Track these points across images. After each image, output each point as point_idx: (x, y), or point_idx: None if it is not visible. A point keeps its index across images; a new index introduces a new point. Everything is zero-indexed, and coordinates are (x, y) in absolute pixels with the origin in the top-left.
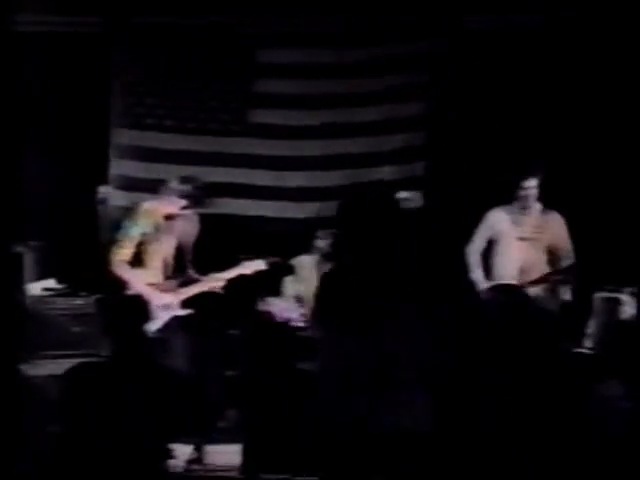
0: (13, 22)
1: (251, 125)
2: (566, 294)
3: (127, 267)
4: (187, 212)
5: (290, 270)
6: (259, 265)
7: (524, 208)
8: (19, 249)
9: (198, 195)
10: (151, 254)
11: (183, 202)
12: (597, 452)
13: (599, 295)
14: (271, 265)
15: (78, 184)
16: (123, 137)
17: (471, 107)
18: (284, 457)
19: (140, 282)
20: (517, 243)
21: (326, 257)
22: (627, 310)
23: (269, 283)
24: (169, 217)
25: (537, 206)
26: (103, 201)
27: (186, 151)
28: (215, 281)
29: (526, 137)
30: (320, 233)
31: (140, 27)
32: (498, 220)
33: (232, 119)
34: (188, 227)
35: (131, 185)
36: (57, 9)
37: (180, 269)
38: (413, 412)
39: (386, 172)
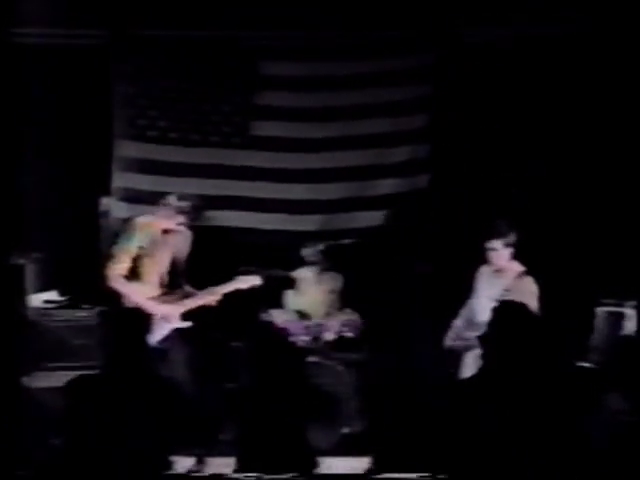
0: (14, 35)
1: (253, 137)
2: None
3: (124, 281)
4: (183, 228)
5: (291, 283)
6: (255, 280)
7: (496, 270)
8: (21, 261)
9: (195, 212)
10: (147, 268)
11: (180, 218)
12: (599, 465)
13: (601, 309)
14: (270, 278)
15: (80, 196)
16: (125, 149)
17: (475, 119)
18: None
19: (138, 295)
20: (488, 303)
21: (327, 268)
22: (629, 324)
23: (270, 295)
24: (165, 231)
25: (514, 268)
26: (105, 213)
27: (188, 163)
28: (211, 295)
29: (527, 147)
30: (326, 245)
31: (142, 39)
32: (479, 277)
33: (234, 131)
34: (182, 241)
35: (133, 197)
36: (58, 22)
37: (176, 283)
38: None
39: (389, 185)
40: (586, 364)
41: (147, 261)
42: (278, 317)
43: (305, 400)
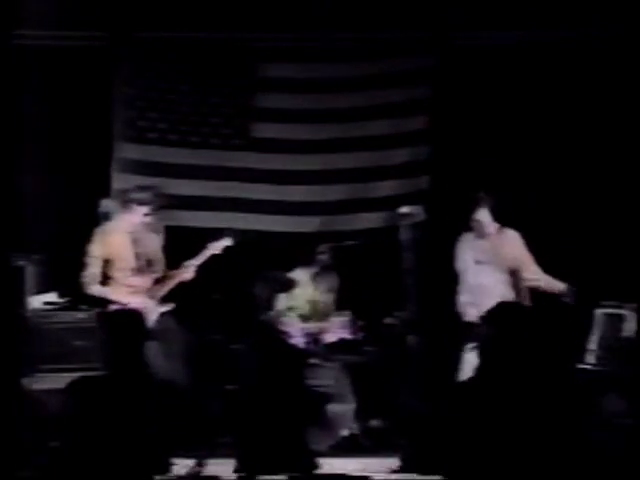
0: (15, 36)
1: (253, 139)
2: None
3: (98, 286)
4: (149, 219)
5: (290, 284)
6: (226, 242)
7: (479, 236)
8: (21, 262)
9: (157, 201)
10: (119, 271)
11: (144, 209)
12: (598, 467)
13: (601, 311)
14: (272, 281)
15: (80, 198)
16: (125, 151)
17: (474, 121)
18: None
19: (115, 295)
20: (474, 267)
21: (325, 270)
22: (629, 326)
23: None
24: (131, 231)
25: (493, 227)
26: (105, 215)
27: (188, 165)
28: (186, 270)
29: (527, 149)
30: (322, 247)
31: (142, 41)
32: (459, 247)
33: (234, 133)
34: (152, 233)
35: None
36: (59, 24)
37: (152, 272)
38: None
39: (389, 187)
40: (586, 366)
41: (117, 265)
42: (277, 319)
43: (304, 402)
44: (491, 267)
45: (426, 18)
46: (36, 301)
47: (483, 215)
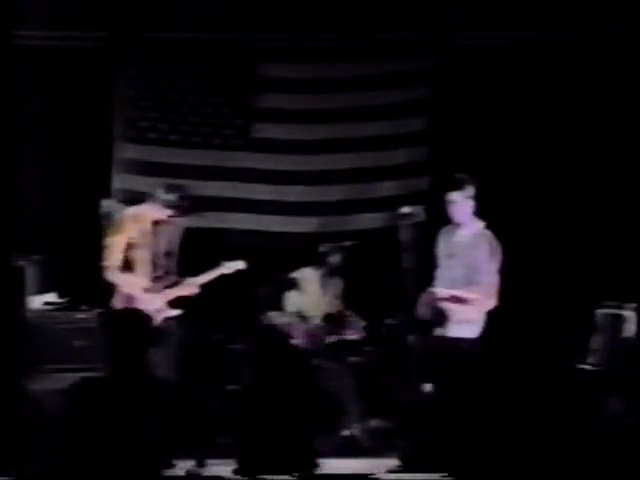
0: (16, 37)
1: (253, 140)
2: None
3: (118, 273)
4: (173, 220)
5: (292, 284)
6: (239, 265)
7: (455, 224)
8: (21, 263)
9: (183, 204)
10: (139, 258)
11: (169, 211)
12: (599, 467)
13: (601, 311)
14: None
15: (81, 198)
16: (126, 151)
17: (474, 122)
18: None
19: (130, 287)
20: (445, 262)
21: (334, 272)
22: (629, 326)
23: (272, 297)
24: (156, 223)
25: (474, 223)
26: (106, 215)
27: (188, 165)
28: (193, 285)
29: (526, 149)
30: (329, 247)
31: (143, 42)
32: (438, 240)
33: (234, 134)
34: (172, 232)
35: (134, 199)
36: (59, 24)
37: (165, 272)
38: None
39: (388, 187)
40: (586, 366)
41: (138, 252)
42: (279, 319)
43: (306, 402)
44: (460, 261)
45: (426, 18)
46: (36, 301)
47: (456, 196)
